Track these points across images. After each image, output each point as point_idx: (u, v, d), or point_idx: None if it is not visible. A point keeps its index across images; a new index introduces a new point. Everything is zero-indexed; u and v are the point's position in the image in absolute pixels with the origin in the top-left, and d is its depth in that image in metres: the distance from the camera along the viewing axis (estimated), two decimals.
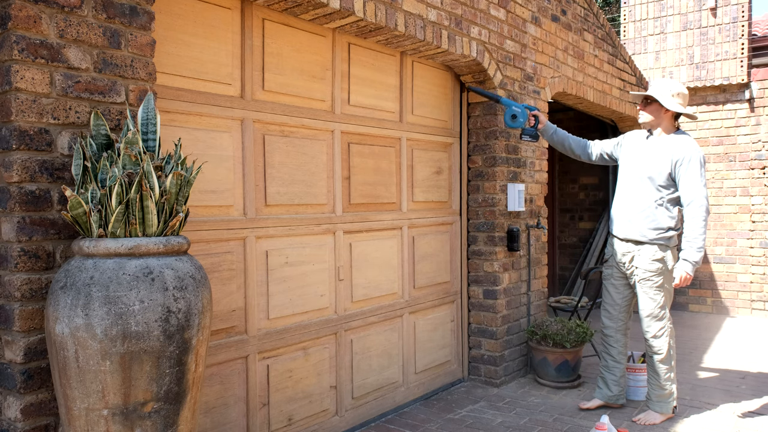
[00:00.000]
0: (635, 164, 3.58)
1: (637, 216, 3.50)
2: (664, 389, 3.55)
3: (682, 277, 3.35)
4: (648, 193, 3.48)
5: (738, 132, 6.94)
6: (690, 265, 3.34)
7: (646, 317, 3.53)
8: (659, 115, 3.53)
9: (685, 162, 3.39)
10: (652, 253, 3.46)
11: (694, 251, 3.34)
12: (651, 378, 3.60)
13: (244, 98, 2.91)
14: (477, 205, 4.37)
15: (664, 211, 3.45)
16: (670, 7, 7.27)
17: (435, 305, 4.17)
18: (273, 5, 2.96)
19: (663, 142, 3.52)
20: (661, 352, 3.52)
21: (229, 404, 2.85)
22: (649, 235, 3.46)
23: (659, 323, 3.51)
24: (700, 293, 7.18)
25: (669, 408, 3.57)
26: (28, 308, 2.00)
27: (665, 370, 3.54)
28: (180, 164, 2.04)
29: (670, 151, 3.45)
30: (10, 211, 1.99)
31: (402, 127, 3.88)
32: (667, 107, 3.47)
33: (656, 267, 3.47)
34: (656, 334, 3.52)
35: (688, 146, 3.44)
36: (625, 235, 3.56)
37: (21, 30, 1.97)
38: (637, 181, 3.54)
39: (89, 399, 1.81)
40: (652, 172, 3.47)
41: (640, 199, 3.50)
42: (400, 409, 3.83)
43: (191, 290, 1.91)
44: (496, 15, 4.22)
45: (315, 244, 3.28)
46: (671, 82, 3.54)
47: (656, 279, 3.48)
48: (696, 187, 3.37)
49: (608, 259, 3.73)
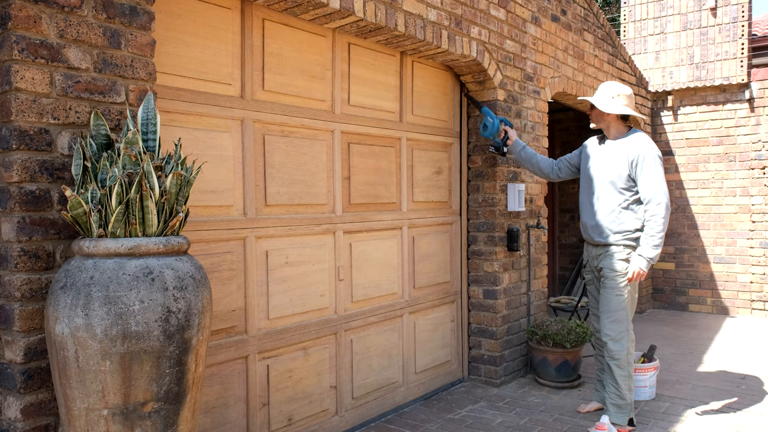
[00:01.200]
0: (595, 170, 3.57)
1: (604, 220, 3.46)
2: (624, 398, 3.41)
3: (635, 272, 3.32)
4: (612, 197, 3.45)
5: (738, 132, 6.94)
6: (645, 261, 3.31)
7: (606, 318, 3.43)
8: (603, 119, 3.54)
9: (640, 161, 3.37)
10: (619, 254, 3.41)
11: (650, 248, 3.30)
12: (608, 386, 3.46)
13: (244, 98, 2.91)
14: (477, 205, 4.37)
15: (630, 213, 3.41)
16: (670, 7, 7.27)
17: (435, 305, 4.17)
18: (273, 5, 2.96)
19: (617, 144, 3.51)
20: (618, 357, 3.40)
21: (229, 404, 2.85)
22: (617, 237, 3.42)
23: (619, 326, 3.40)
24: (700, 293, 7.18)
25: (625, 420, 3.42)
26: (28, 308, 2.00)
27: (622, 377, 3.40)
28: (180, 164, 2.04)
29: (624, 152, 3.43)
30: (10, 211, 1.98)
31: (402, 127, 3.88)
32: (604, 110, 3.46)
33: (622, 267, 3.40)
34: (615, 337, 3.40)
35: (642, 144, 3.41)
36: (595, 239, 3.52)
37: (21, 30, 1.97)
38: (599, 186, 3.52)
39: (89, 399, 1.81)
40: (612, 176, 3.46)
41: (605, 204, 3.47)
42: (400, 409, 3.83)
43: (191, 290, 1.91)
44: (496, 15, 4.22)
45: (315, 244, 3.28)
46: (612, 85, 3.53)
47: (621, 279, 3.40)
48: (654, 184, 3.33)
49: (586, 264, 3.71)
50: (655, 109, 7.43)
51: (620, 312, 3.41)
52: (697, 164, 7.18)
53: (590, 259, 3.63)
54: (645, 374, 3.99)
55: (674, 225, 7.32)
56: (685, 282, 7.26)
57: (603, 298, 3.47)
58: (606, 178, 3.48)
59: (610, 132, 3.57)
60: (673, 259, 7.33)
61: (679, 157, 7.29)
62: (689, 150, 7.23)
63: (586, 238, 3.63)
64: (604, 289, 3.47)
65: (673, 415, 3.73)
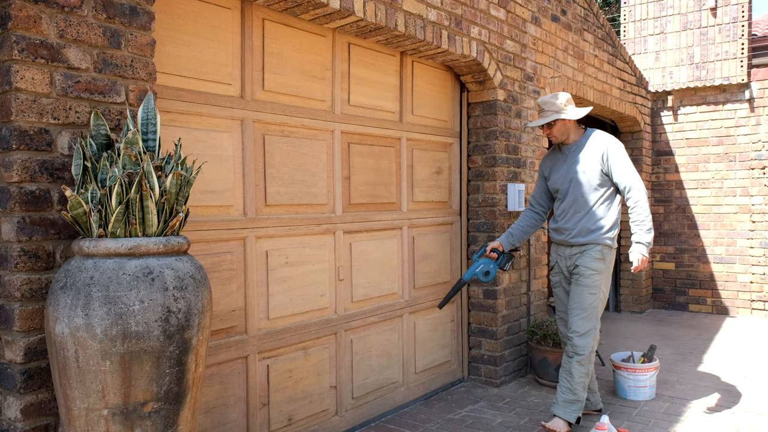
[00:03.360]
0: (565, 176, 3.52)
1: (582, 221, 3.44)
2: (575, 394, 3.37)
3: (639, 259, 3.33)
4: (588, 197, 3.44)
5: (738, 132, 6.94)
6: (644, 247, 3.34)
7: (576, 315, 3.40)
8: (566, 128, 3.52)
9: (611, 154, 3.41)
10: (595, 253, 3.40)
11: (644, 233, 3.34)
12: (563, 380, 3.41)
13: (244, 98, 2.91)
14: (477, 205, 4.37)
15: (605, 210, 3.43)
16: (670, 7, 7.27)
17: (435, 305, 4.17)
18: (273, 5, 2.96)
19: (581, 146, 3.51)
20: (582, 353, 3.36)
21: (229, 404, 2.85)
22: (594, 236, 3.41)
23: (588, 323, 3.38)
24: (700, 293, 7.18)
25: (573, 416, 3.38)
26: (28, 308, 2.00)
27: (581, 374, 3.37)
28: (180, 164, 2.04)
29: (592, 150, 3.45)
30: (10, 211, 1.99)
31: (402, 127, 3.88)
32: (570, 118, 3.46)
33: (597, 266, 3.39)
34: (582, 333, 3.37)
35: (607, 139, 3.48)
36: (573, 241, 3.46)
37: (21, 30, 1.97)
38: (573, 190, 3.48)
39: (89, 399, 1.81)
40: (585, 176, 3.44)
41: (582, 205, 3.45)
42: (400, 409, 3.83)
43: (191, 290, 1.91)
44: (496, 15, 4.22)
45: (315, 244, 3.28)
46: (556, 95, 3.50)
47: (595, 277, 3.39)
48: (629, 172, 3.40)
49: (554, 266, 3.64)
50: (655, 109, 7.43)
51: (591, 310, 3.39)
52: (697, 164, 7.18)
53: (561, 260, 3.57)
54: (645, 374, 3.99)
55: (674, 225, 7.32)
56: (685, 282, 7.26)
57: (576, 295, 3.43)
58: (579, 180, 3.46)
59: (570, 137, 3.54)
60: (673, 259, 7.33)
61: (679, 157, 7.29)
62: (689, 150, 7.23)
63: (561, 241, 3.55)
64: (577, 286, 3.43)
65: (673, 415, 3.73)
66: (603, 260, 3.42)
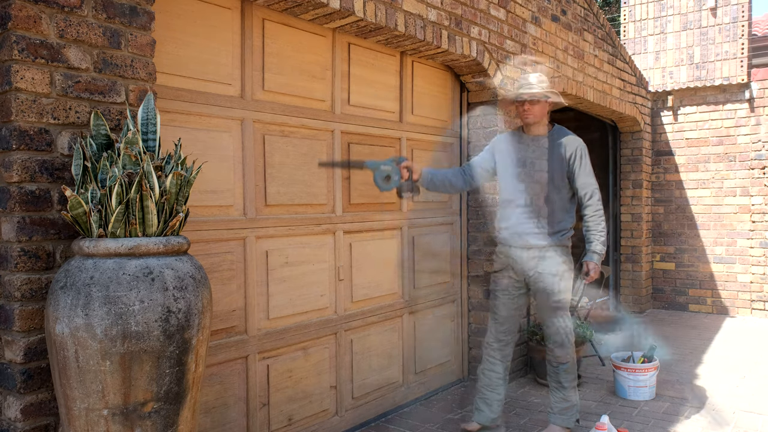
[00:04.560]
0: (521, 168, 3.27)
1: (542, 220, 3.23)
2: (569, 400, 3.30)
3: (594, 270, 3.22)
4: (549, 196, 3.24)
5: (738, 132, 6.94)
6: (597, 256, 3.22)
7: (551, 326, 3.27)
8: (543, 113, 3.26)
9: (577, 157, 3.24)
10: (557, 257, 3.23)
11: (600, 244, 3.21)
12: (555, 390, 3.33)
13: (244, 98, 2.91)
14: (477, 205, 4.37)
15: (564, 212, 3.27)
16: (670, 7, 7.27)
17: (435, 305, 4.17)
18: (273, 5, 2.96)
19: (547, 140, 3.28)
20: (566, 360, 3.27)
21: (229, 404, 2.85)
22: (555, 238, 3.23)
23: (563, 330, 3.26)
24: (700, 293, 7.18)
25: (571, 421, 3.33)
26: (28, 308, 2.00)
27: (571, 380, 3.29)
28: (180, 164, 2.04)
29: (560, 148, 3.24)
30: (10, 211, 1.99)
31: (402, 127, 3.88)
32: (558, 101, 3.26)
33: (560, 269, 3.23)
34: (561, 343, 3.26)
35: (576, 140, 3.28)
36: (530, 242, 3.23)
37: (21, 30, 1.97)
38: (532, 186, 3.23)
39: (89, 399, 1.81)
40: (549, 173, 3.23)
41: (541, 204, 3.23)
42: (400, 409, 3.83)
43: (191, 290, 1.91)
44: (496, 15, 4.22)
45: (315, 244, 3.28)
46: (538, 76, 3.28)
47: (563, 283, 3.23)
48: (591, 179, 3.25)
49: (501, 270, 3.37)
50: (655, 109, 7.43)
51: (564, 316, 3.27)
52: (697, 164, 7.18)
53: (515, 264, 3.28)
54: (645, 374, 3.99)
55: (674, 225, 7.32)
56: (685, 282, 7.26)
57: (544, 303, 3.27)
58: (541, 177, 3.22)
59: (539, 127, 3.29)
60: (673, 259, 7.33)
61: (679, 157, 7.29)
62: (689, 150, 7.23)
63: (514, 243, 3.28)
64: (541, 294, 3.24)
65: (673, 415, 3.73)
66: (566, 263, 3.27)
